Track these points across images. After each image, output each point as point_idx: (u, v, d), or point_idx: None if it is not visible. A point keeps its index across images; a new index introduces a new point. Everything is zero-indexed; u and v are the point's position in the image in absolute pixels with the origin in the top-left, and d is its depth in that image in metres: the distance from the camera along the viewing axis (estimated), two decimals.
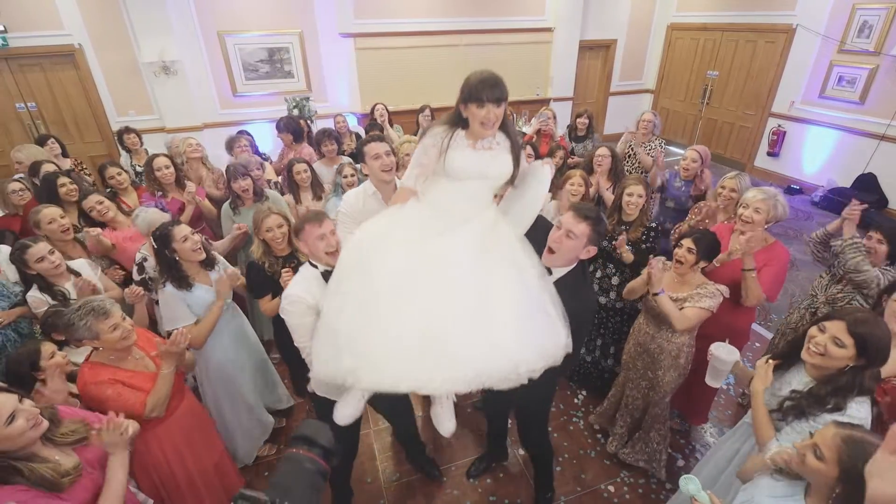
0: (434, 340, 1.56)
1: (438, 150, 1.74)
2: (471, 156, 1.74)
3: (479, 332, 1.59)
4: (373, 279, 1.66)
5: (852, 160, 6.66)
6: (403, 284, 1.63)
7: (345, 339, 1.62)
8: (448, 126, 1.76)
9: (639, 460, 2.91)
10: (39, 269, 2.46)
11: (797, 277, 4.99)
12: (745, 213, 2.64)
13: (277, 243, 2.67)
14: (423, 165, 1.80)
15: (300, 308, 1.97)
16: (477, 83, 1.64)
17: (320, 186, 3.87)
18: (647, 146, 4.56)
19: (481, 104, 1.65)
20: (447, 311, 1.60)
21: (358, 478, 2.93)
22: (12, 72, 6.05)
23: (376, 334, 1.59)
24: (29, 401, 1.52)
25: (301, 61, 7.12)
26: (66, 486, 1.51)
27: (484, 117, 1.67)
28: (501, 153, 1.79)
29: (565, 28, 8.28)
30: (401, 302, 1.61)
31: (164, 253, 2.43)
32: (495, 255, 1.73)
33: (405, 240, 1.73)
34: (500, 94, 1.66)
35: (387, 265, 1.67)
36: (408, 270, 1.65)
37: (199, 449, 2.31)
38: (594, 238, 1.89)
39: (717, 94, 8.40)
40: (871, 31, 6.18)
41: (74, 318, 1.86)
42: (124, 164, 4.48)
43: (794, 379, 1.83)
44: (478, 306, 1.62)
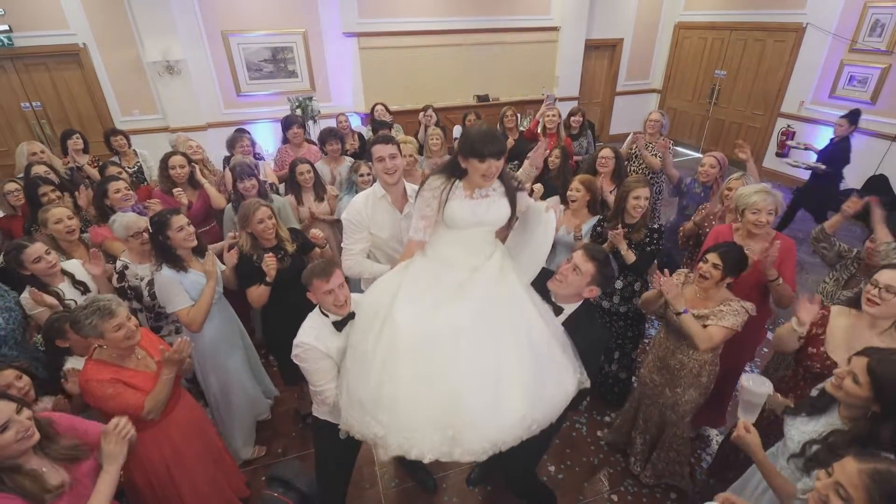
0: (454, 415, 1.63)
1: (438, 202, 1.81)
2: (468, 206, 1.81)
3: (495, 402, 1.66)
4: (394, 349, 1.73)
5: (863, 161, 6.51)
6: (423, 355, 1.70)
7: (371, 407, 1.72)
8: (445, 177, 1.83)
9: (661, 478, 2.80)
10: (35, 269, 2.43)
11: (806, 281, 4.90)
12: (759, 217, 2.56)
13: (268, 234, 2.72)
14: (426, 217, 1.85)
15: (313, 355, 1.99)
16: (479, 139, 1.71)
17: (322, 188, 3.84)
18: (655, 146, 4.48)
19: (483, 159, 1.71)
20: (465, 383, 1.66)
21: (356, 483, 2.89)
22: (17, 71, 6.08)
23: (401, 408, 1.67)
24: (28, 411, 1.51)
25: (305, 61, 7.10)
26: (47, 501, 1.48)
27: (485, 171, 1.74)
28: (498, 199, 1.86)
29: (571, 27, 8.21)
30: (422, 373, 1.68)
31: (158, 238, 2.49)
32: (504, 315, 1.77)
33: (419, 307, 1.77)
34: (500, 148, 1.73)
35: (404, 334, 1.73)
36: (424, 341, 1.71)
37: (197, 446, 2.32)
38: (599, 279, 1.92)
39: (725, 94, 8.30)
40: (883, 30, 6.07)
41: (80, 317, 1.88)
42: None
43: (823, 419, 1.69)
44: (492, 375, 1.68)
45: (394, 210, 2.44)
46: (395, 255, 2.34)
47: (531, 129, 5.02)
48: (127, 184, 3.36)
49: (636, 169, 4.52)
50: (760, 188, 2.62)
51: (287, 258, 2.79)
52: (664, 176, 4.43)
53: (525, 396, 1.68)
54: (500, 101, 8.10)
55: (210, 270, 2.62)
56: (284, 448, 3.16)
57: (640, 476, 2.86)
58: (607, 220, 3.04)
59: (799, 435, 1.69)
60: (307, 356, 1.99)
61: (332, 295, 1.97)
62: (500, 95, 8.27)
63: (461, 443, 1.63)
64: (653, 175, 4.47)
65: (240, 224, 2.76)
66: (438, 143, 4.49)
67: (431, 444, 1.64)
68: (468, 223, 1.82)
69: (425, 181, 1.88)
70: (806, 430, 1.69)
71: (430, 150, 4.53)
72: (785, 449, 1.75)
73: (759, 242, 2.65)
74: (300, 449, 3.14)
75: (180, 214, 2.56)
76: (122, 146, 4.60)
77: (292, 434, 3.26)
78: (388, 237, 2.47)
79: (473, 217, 1.81)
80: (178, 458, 2.20)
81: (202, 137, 6.57)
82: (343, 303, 2.00)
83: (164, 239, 2.48)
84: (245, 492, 2.73)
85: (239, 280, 2.81)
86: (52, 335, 2.25)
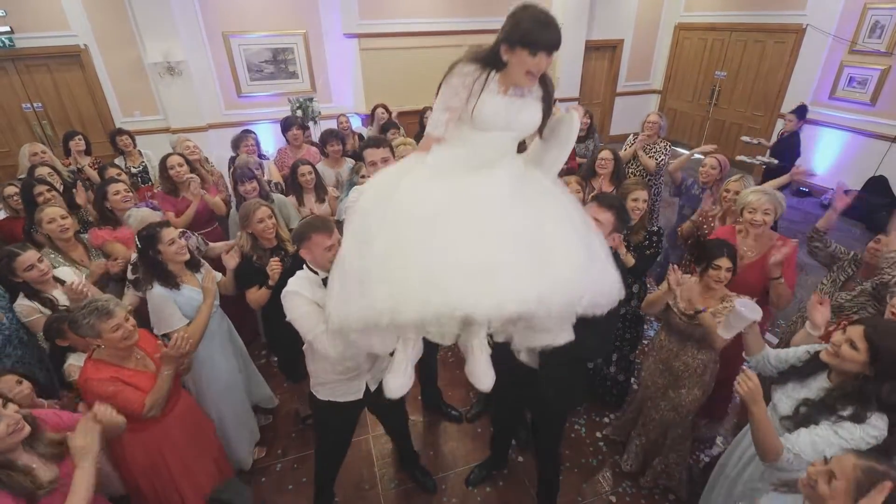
0: (486, 264, 1.33)
1: (468, 93, 1.48)
2: (501, 104, 1.50)
3: (535, 257, 1.38)
4: (405, 209, 1.45)
5: (863, 162, 6.55)
6: (443, 212, 1.42)
7: (377, 271, 1.39)
8: (480, 66, 1.49)
9: (658, 482, 2.82)
10: (27, 277, 2.42)
11: (805, 282, 4.90)
12: (755, 217, 2.60)
13: (268, 233, 2.72)
14: (452, 109, 1.52)
15: (299, 300, 1.97)
16: (534, 25, 1.38)
17: (323, 189, 3.85)
18: (653, 148, 4.50)
19: (535, 51, 1.39)
20: (496, 239, 1.38)
21: (356, 484, 2.92)
22: (19, 72, 6.09)
23: (416, 259, 1.36)
24: (13, 405, 1.53)
25: (305, 62, 7.11)
26: (40, 497, 1.50)
27: (535, 66, 1.42)
28: (532, 103, 1.57)
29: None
30: (442, 229, 1.39)
31: (148, 253, 2.41)
32: (537, 189, 1.56)
33: (435, 175, 1.52)
34: (559, 39, 1.41)
35: (420, 196, 1.47)
36: (446, 201, 1.44)
37: (197, 445, 2.34)
38: (618, 226, 1.89)
39: (725, 95, 8.30)
40: (882, 32, 6.07)
41: (78, 317, 1.89)
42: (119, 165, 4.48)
43: (813, 384, 1.78)
44: (531, 234, 1.42)
45: None
46: None
47: None
48: (127, 186, 3.38)
49: (634, 171, 4.53)
50: (758, 188, 2.64)
51: (287, 258, 2.81)
52: (662, 177, 4.45)
53: (573, 261, 1.43)
54: None
55: (208, 288, 2.54)
56: (284, 449, 3.18)
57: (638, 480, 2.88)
58: None
59: (789, 401, 1.79)
60: (294, 302, 1.98)
61: (331, 251, 1.95)
62: None
63: (499, 291, 1.31)
64: (650, 177, 4.48)
65: (241, 225, 2.77)
66: None
67: (458, 292, 1.30)
68: (496, 123, 1.52)
69: (454, 66, 1.55)
70: (796, 397, 1.78)
71: None
72: (774, 413, 1.83)
73: (759, 242, 2.67)
74: (300, 450, 3.15)
75: (170, 227, 2.51)
76: (128, 145, 4.62)
77: (292, 435, 3.27)
78: None
79: (504, 116, 1.51)
80: (179, 455, 2.22)
81: (203, 138, 6.61)
82: None
83: (155, 254, 2.40)
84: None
85: (238, 281, 2.79)
86: (51, 335, 2.27)
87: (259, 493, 2.90)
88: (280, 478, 3.00)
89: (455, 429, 3.30)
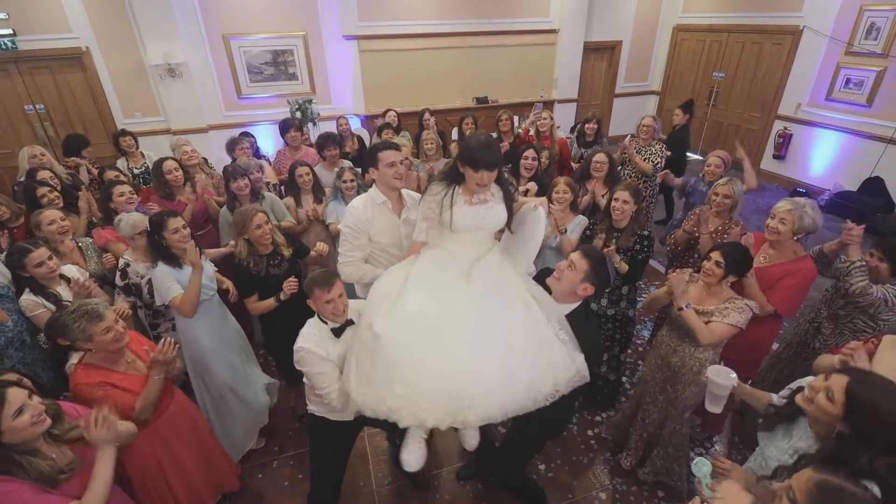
0: (468, 384, 1.73)
1: (439, 206, 1.95)
2: (468, 212, 1.94)
3: (504, 371, 1.76)
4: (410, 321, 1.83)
5: (859, 163, 6.58)
6: (437, 329, 1.80)
7: (385, 382, 1.77)
8: (446, 183, 1.97)
9: (659, 476, 2.85)
10: (36, 273, 2.49)
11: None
12: (770, 223, 2.64)
13: (265, 239, 2.77)
14: (428, 219, 2.01)
15: (313, 359, 2.06)
16: (475, 149, 1.83)
17: (321, 190, 3.90)
18: (648, 151, 4.53)
19: (477, 169, 1.85)
20: (476, 357, 1.76)
21: (350, 481, 2.96)
22: (21, 74, 6.15)
23: (416, 377, 1.75)
24: (37, 398, 1.60)
25: (305, 63, 7.16)
26: (61, 482, 1.57)
27: (479, 180, 1.88)
28: (496, 205, 2.00)
29: (570, 29, 8.26)
30: (436, 346, 1.77)
31: (154, 237, 2.64)
32: (509, 296, 1.91)
33: (428, 294, 1.89)
34: (495, 160, 1.84)
35: (417, 310, 1.84)
36: (438, 317, 1.82)
37: (190, 444, 2.38)
38: (592, 277, 1.95)
39: (723, 96, 8.34)
40: (878, 33, 6.10)
41: (69, 321, 1.92)
42: (121, 166, 4.54)
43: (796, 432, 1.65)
44: (501, 348, 1.78)
45: (393, 215, 2.47)
46: (393, 261, 2.38)
47: (523, 136, 5.07)
48: (130, 188, 3.44)
49: (629, 173, 4.57)
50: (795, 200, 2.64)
51: (284, 262, 2.86)
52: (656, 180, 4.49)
53: (532, 366, 1.78)
54: (499, 103, 8.15)
55: (195, 262, 2.63)
56: (281, 446, 3.23)
57: (635, 472, 2.92)
58: (597, 222, 3.11)
59: (777, 451, 1.67)
60: (308, 360, 2.06)
61: (331, 304, 2.04)
62: (500, 97, 8.32)
63: (475, 408, 1.72)
64: (645, 179, 4.52)
65: (236, 231, 2.80)
66: (433, 146, 4.57)
67: (446, 412, 1.72)
68: (468, 227, 1.96)
69: (428, 186, 2.03)
70: (782, 447, 1.67)
71: (425, 154, 4.60)
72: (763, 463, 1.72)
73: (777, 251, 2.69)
74: (297, 447, 3.20)
75: (177, 217, 2.66)
76: (131, 146, 4.69)
77: (289, 433, 3.33)
78: (388, 243, 2.50)
79: (473, 222, 1.96)
80: (170, 454, 2.26)
81: (203, 139, 6.68)
82: (342, 311, 2.08)
83: (160, 239, 2.61)
84: (236, 485, 2.78)
85: (238, 290, 2.88)
86: (52, 334, 2.32)
87: (256, 489, 2.95)
88: (276, 474, 3.05)
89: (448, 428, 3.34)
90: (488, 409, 1.73)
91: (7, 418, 1.46)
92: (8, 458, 1.49)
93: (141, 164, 4.70)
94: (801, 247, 2.71)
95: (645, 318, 4.27)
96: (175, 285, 2.61)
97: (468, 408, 1.72)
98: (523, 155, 3.79)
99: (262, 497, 2.91)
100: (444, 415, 1.72)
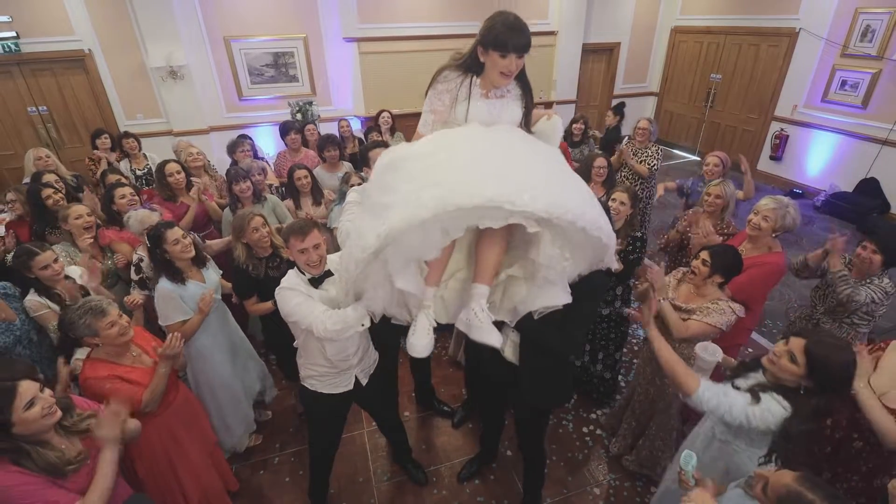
0: (512, 169, 1.49)
1: (451, 98, 1.67)
2: (483, 107, 1.68)
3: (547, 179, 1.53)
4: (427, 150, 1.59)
5: (855, 164, 6.64)
6: (457, 142, 1.59)
7: (419, 181, 1.48)
8: (461, 71, 1.68)
9: (643, 468, 2.93)
10: (41, 275, 2.53)
11: (794, 283, 4.99)
12: (753, 219, 2.70)
13: (263, 242, 2.81)
14: (437, 112, 1.73)
15: (291, 294, 2.06)
16: (503, 29, 1.54)
17: (320, 192, 3.96)
18: (644, 153, 4.59)
19: (505, 53, 1.55)
20: (507, 156, 1.55)
21: (349, 476, 3.02)
22: (24, 76, 6.21)
23: (453, 167, 1.48)
24: (49, 391, 1.65)
25: (306, 65, 7.22)
26: (69, 473, 1.63)
27: (505, 67, 1.58)
28: (512, 102, 1.74)
29: (569, 31, 8.31)
30: (461, 150, 1.55)
31: (156, 252, 2.60)
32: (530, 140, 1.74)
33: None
34: (526, 42, 1.56)
35: (439, 135, 1.64)
36: (457, 135, 1.63)
37: (195, 437, 2.46)
38: None
39: (720, 98, 8.40)
40: (874, 36, 6.16)
41: (74, 317, 2.00)
42: (123, 168, 4.61)
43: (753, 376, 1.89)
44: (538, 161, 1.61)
45: None
46: None
47: None
48: (132, 189, 3.50)
49: (626, 176, 4.63)
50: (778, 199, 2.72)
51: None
52: (654, 181, 4.55)
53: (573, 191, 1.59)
54: None
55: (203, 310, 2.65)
56: (282, 443, 3.29)
57: (621, 460, 3.02)
58: None
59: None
60: (286, 297, 2.06)
61: (305, 254, 2.06)
62: None
63: (531, 192, 1.41)
64: (642, 181, 4.58)
65: (234, 235, 2.84)
66: None
67: (500, 191, 1.39)
68: (482, 123, 1.69)
69: (439, 72, 1.73)
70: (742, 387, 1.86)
71: None
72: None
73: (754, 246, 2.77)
74: (298, 444, 3.26)
75: (174, 228, 2.65)
76: (133, 148, 4.75)
77: (290, 430, 3.38)
78: None
79: (488, 117, 1.68)
80: (178, 447, 2.33)
81: (205, 141, 6.73)
82: (316, 262, 2.09)
83: (162, 252, 2.59)
84: (235, 485, 2.88)
85: (236, 292, 2.93)
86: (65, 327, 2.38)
87: (257, 485, 3.01)
88: (277, 470, 3.11)
89: (446, 424, 3.41)
90: (550, 195, 1.43)
91: (18, 410, 1.52)
92: (18, 448, 1.55)
93: (143, 166, 4.77)
94: (778, 243, 2.79)
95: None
96: (178, 308, 2.60)
97: (522, 190, 1.40)
98: None
99: (263, 493, 2.97)
100: (499, 191, 1.38)
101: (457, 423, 3.37)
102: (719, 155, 3.86)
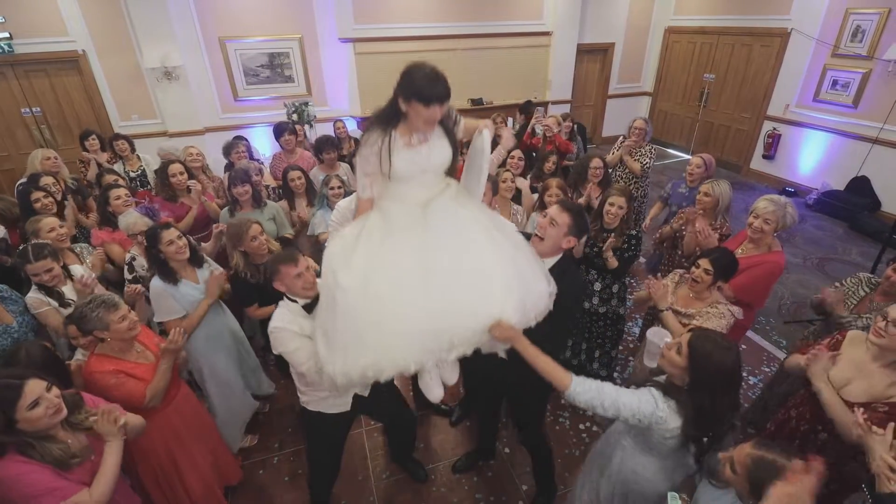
0: (443, 315, 1.63)
1: (378, 157, 1.71)
2: (408, 156, 1.72)
3: (487, 292, 1.68)
4: (370, 273, 1.68)
5: (846, 163, 6.72)
6: (400, 276, 1.66)
7: (353, 338, 1.66)
8: (381, 129, 1.72)
9: None
10: (41, 280, 2.54)
11: (787, 280, 5.06)
12: (754, 222, 2.70)
13: (261, 250, 2.82)
14: (369, 174, 1.79)
15: (287, 336, 2.06)
16: (424, 83, 1.61)
17: (315, 193, 3.96)
18: (638, 152, 4.63)
19: (428, 104, 1.61)
20: (441, 291, 1.65)
21: (349, 475, 3.04)
22: (18, 77, 6.18)
23: (387, 323, 1.63)
24: (56, 389, 1.67)
25: (301, 66, 7.23)
26: (73, 466, 1.66)
27: (429, 116, 1.64)
28: (437, 141, 1.77)
29: (563, 32, 8.36)
30: (398, 295, 1.65)
31: (152, 251, 2.64)
32: (471, 226, 1.78)
33: (383, 241, 1.74)
34: (446, 92, 1.64)
35: (376, 263, 1.70)
36: (398, 265, 1.68)
37: (198, 435, 2.49)
38: (574, 229, 2.00)
39: (713, 97, 8.46)
40: (864, 36, 6.23)
41: (87, 311, 2.04)
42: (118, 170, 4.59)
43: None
44: (477, 272, 1.69)
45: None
46: None
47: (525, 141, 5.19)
48: (126, 191, 3.50)
49: (621, 174, 4.67)
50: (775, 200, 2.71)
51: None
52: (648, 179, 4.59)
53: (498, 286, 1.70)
54: (493, 104, 8.26)
55: (212, 291, 2.70)
56: (281, 442, 3.30)
57: None
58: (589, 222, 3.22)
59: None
60: (282, 338, 2.06)
61: (301, 278, 2.06)
62: (494, 99, 8.42)
63: (456, 333, 1.63)
64: (637, 179, 4.62)
65: (231, 244, 2.83)
66: None
67: (426, 350, 1.63)
68: (412, 172, 1.74)
69: (362, 137, 1.79)
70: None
71: None
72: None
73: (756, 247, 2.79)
74: (297, 444, 3.28)
75: (170, 229, 2.67)
76: (125, 150, 4.72)
77: (289, 429, 3.40)
78: None
79: (416, 166, 1.73)
80: (180, 443, 2.35)
81: (200, 142, 6.71)
82: (313, 283, 2.10)
83: (157, 252, 2.62)
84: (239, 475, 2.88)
85: (238, 301, 2.93)
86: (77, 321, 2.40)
87: (256, 484, 3.02)
88: (276, 469, 3.12)
89: (445, 423, 3.43)
90: (472, 332, 1.65)
91: (22, 409, 1.55)
92: (24, 443, 1.59)
93: (137, 168, 4.75)
94: (777, 241, 2.83)
95: (635, 315, 4.37)
96: (171, 305, 2.63)
97: (449, 334, 1.63)
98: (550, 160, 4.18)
99: (263, 492, 2.98)
100: (424, 354, 1.63)
101: (455, 421, 3.39)
102: (703, 156, 3.89)
